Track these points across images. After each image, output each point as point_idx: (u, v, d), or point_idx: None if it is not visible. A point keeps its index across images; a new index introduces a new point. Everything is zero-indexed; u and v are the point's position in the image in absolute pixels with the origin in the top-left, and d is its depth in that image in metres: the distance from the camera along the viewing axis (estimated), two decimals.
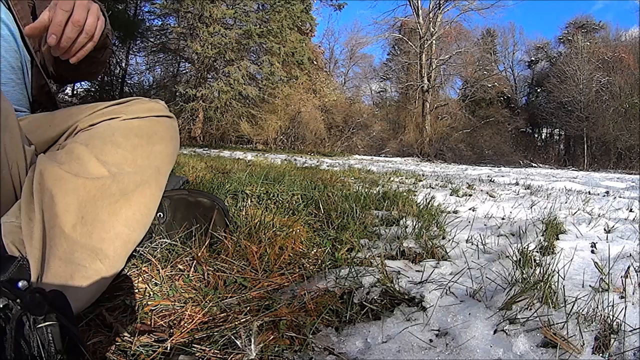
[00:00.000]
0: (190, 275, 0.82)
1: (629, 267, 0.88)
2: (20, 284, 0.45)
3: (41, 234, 0.61)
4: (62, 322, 0.44)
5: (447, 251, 1.09)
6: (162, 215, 0.90)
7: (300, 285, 0.83)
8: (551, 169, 15.15)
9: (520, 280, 0.80)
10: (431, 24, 21.40)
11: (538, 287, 0.74)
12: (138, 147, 0.70)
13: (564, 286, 0.76)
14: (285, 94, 16.52)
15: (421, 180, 3.78)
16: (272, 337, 0.62)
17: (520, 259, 0.97)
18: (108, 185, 0.65)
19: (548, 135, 24.67)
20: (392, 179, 3.78)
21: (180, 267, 0.85)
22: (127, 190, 0.66)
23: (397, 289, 0.78)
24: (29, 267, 0.58)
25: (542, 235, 1.26)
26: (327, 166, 5.83)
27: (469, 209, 1.92)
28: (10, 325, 0.39)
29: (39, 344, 0.41)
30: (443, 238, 1.23)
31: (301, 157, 10.13)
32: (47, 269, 0.59)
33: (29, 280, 0.58)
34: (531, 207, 2.03)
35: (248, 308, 0.71)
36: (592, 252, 1.13)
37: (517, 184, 4.10)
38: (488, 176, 5.63)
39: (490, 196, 2.58)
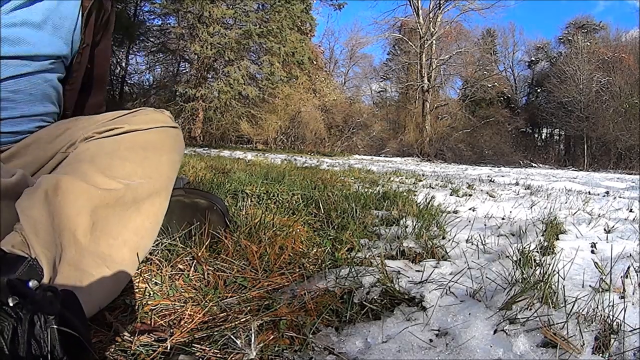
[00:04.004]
0: (191, 274, 0.82)
1: (629, 267, 0.88)
2: (30, 283, 0.44)
3: (49, 237, 0.60)
4: (74, 323, 0.44)
5: (447, 251, 1.09)
6: None
7: (300, 285, 0.83)
8: (551, 169, 15.15)
9: (520, 280, 0.80)
10: (431, 24, 21.39)
11: (538, 287, 0.74)
12: (146, 160, 0.70)
13: (564, 286, 0.76)
14: (285, 94, 16.50)
15: (421, 180, 3.78)
16: (272, 336, 0.62)
17: (520, 259, 0.97)
18: (122, 194, 0.65)
19: (548, 135, 24.66)
20: (392, 178, 3.78)
21: (181, 266, 0.85)
22: (140, 199, 0.67)
23: (397, 289, 0.78)
24: (40, 267, 0.58)
25: (542, 235, 1.26)
26: (327, 166, 5.83)
27: (469, 209, 1.92)
28: (23, 326, 0.38)
29: (51, 345, 0.41)
30: (443, 238, 1.23)
31: (301, 157, 10.12)
32: (58, 272, 0.59)
33: (40, 280, 0.57)
34: (531, 207, 2.03)
35: (248, 308, 0.71)
36: (592, 252, 1.13)
37: (517, 184, 4.10)
38: (488, 176, 5.63)
39: (490, 196, 2.58)
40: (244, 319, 0.67)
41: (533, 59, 25.70)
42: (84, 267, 0.60)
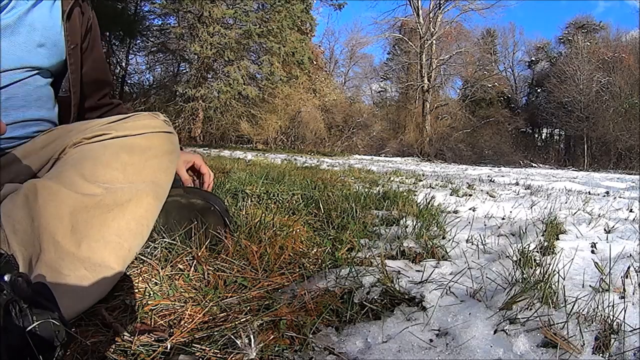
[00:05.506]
0: (190, 274, 0.82)
1: (629, 267, 0.88)
2: (6, 277, 0.44)
3: (27, 236, 0.61)
4: (48, 305, 0.44)
5: (447, 251, 1.09)
6: None
7: (300, 285, 0.83)
8: (551, 169, 15.13)
9: (520, 280, 0.80)
10: (431, 24, 21.39)
11: (538, 287, 0.74)
12: (128, 166, 0.70)
13: (564, 286, 0.76)
14: (285, 94, 16.51)
15: (421, 180, 3.78)
16: (272, 336, 0.62)
17: (520, 259, 0.97)
18: (102, 198, 0.65)
19: (548, 135, 24.65)
20: (392, 178, 3.78)
21: (180, 266, 0.85)
22: (121, 202, 0.67)
23: (397, 289, 0.78)
24: (16, 264, 0.58)
25: (542, 235, 1.26)
26: (327, 166, 5.83)
27: (469, 209, 1.92)
28: None
29: (26, 332, 0.41)
30: (443, 238, 1.23)
31: (301, 156, 10.12)
32: (35, 272, 0.59)
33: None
34: (531, 207, 2.03)
35: (248, 308, 0.71)
36: (592, 252, 1.13)
37: (517, 184, 4.10)
38: (488, 176, 5.63)
39: (490, 196, 2.58)
40: (244, 319, 0.67)
41: (533, 59, 25.71)
42: (60, 269, 0.60)
